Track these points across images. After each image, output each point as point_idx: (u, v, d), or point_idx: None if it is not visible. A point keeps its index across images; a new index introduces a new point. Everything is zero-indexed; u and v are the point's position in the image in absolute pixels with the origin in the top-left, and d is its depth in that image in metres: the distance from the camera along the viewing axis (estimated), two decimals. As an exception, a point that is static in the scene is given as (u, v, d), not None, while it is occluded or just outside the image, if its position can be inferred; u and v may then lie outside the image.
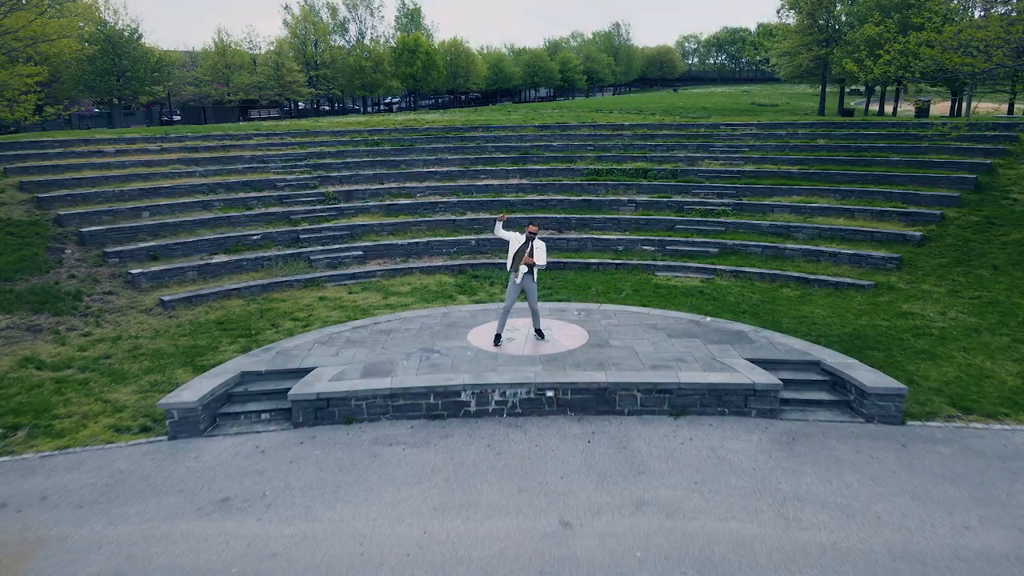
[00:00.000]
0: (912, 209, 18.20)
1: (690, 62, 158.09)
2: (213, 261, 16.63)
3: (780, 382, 9.49)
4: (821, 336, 12.37)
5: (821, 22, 46.30)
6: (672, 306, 14.27)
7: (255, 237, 18.20)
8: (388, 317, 12.74)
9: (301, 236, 18.59)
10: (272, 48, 66.07)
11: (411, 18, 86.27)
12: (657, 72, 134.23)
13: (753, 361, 10.28)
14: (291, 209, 20.13)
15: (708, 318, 12.35)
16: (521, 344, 11.11)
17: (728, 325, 11.97)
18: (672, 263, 17.17)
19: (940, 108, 54.87)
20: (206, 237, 17.79)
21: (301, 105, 79.56)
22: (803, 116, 37.79)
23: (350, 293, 15.82)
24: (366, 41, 76.65)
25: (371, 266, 17.57)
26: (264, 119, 57.24)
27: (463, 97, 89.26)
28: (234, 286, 15.65)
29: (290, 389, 9.62)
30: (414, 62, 70.69)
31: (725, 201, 20.43)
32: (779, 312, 13.82)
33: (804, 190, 20.47)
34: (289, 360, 10.52)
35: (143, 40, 44.23)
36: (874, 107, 55.45)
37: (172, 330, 13.47)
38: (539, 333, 11.37)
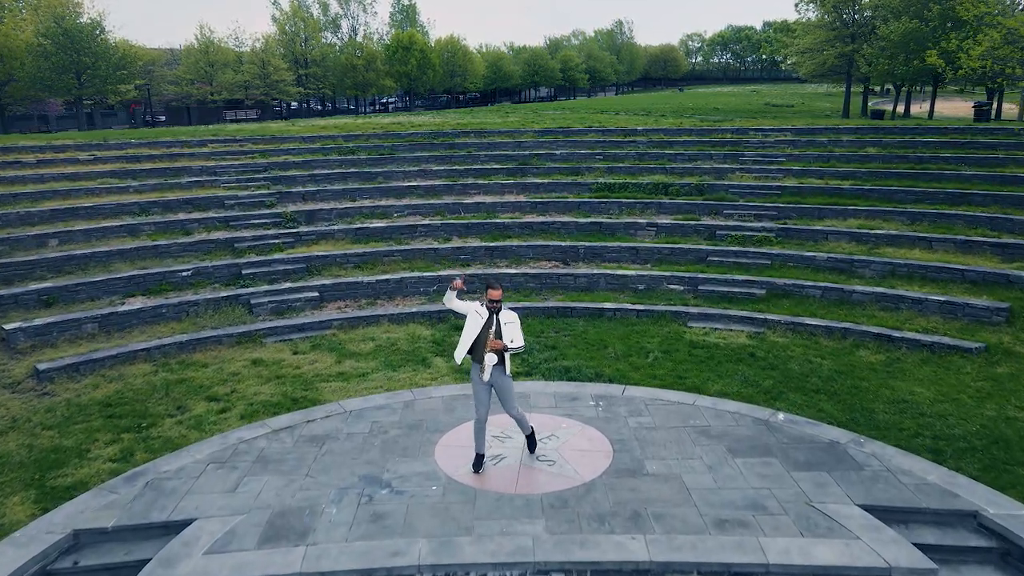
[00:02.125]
0: (1007, 239, 14.56)
1: (694, 61, 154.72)
2: (122, 308, 12.99)
3: (934, 566, 5.85)
4: (939, 438, 8.74)
5: (846, 16, 42.72)
6: (717, 378, 10.64)
7: (185, 273, 14.55)
8: (329, 409, 9.08)
9: (244, 271, 14.94)
10: (259, 45, 62.41)
11: (406, 15, 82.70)
12: (661, 71, 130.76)
13: (870, 509, 6.64)
14: (237, 235, 16.48)
15: (781, 415, 8.69)
16: (514, 468, 7.46)
17: (813, 429, 8.31)
18: (708, 309, 13.52)
19: (960, 110, 51.18)
20: (122, 274, 14.15)
21: (294, 105, 75.96)
22: (841, 120, 34.15)
23: (295, 354, 12.17)
24: (359, 38, 73.04)
25: (328, 312, 13.91)
26: (240, 121, 53.54)
27: (461, 97, 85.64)
28: (143, 345, 11.99)
29: (147, 563, 6.01)
30: (408, 60, 67.08)
31: (766, 225, 16.78)
32: (865, 392, 10.17)
33: (862, 211, 16.82)
34: (158, 502, 6.88)
35: (107, 35, 40.43)
36: (884, 107, 51.60)
37: (36, 418, 9.82)
38: (531, 442, 7.71)
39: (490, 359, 6.96)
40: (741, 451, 7.76)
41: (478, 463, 7.41)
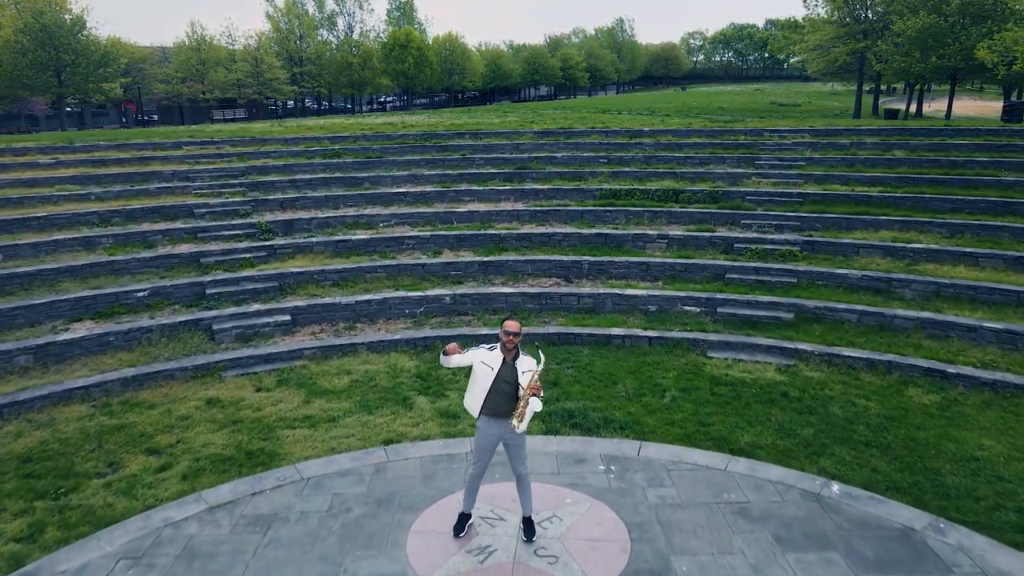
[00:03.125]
0: (1065, 256, 12.99)
1: (695, 59, 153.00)
2: (63, 337, 11.39)
3: None
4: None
5: (857, 12, 41.09)
6: (747, 426, 9.06)
7: (141, 293, 12.96)
8: (282, 475, 7.49)
9: (208, 291, 13.34)
10: (252, 43, 60.86)
11: (403, 12, 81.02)
12: (662, 70, 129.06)
13: (972, 636, 5.07)
14: (205, 248, 14.89)
15: (835, 486, 7.11)
16: (506, 568, 5.87)
17: (877, 508, 6.72)
18: (730, 337, 11.93)
19: (971, 109, 49.59)
20: (70, 295, 12.56)
21: (290, 104, 74.41)
22: (858, 120, 32.60)
23: (258, 391, 10.58)
24: (355, 36, 71.40)
25: (300, 338, 12.32)
26: (227, 120, 51.94)
27: (460, 96, 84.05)
28: (82, 382, 10.40)
29: None
30: (405, 58, 65.48)
31: (789, 238, 15.18)
32: (925, 446, 8.57)
33: (895, 222, 15.23)
34: (42, 623, 5.31)
35: (89, 31, 38.75)
36: (896, 106, 49.92)
37: (-61, 479, 8.24)
38: (528, 527, 6.17)
39: (534, 405, 5.60)
40: (792, 542, 6.17)
41: (460, 525, 5.90)
